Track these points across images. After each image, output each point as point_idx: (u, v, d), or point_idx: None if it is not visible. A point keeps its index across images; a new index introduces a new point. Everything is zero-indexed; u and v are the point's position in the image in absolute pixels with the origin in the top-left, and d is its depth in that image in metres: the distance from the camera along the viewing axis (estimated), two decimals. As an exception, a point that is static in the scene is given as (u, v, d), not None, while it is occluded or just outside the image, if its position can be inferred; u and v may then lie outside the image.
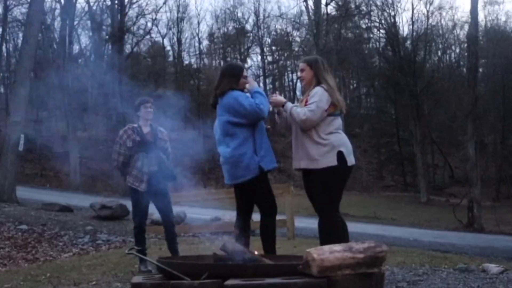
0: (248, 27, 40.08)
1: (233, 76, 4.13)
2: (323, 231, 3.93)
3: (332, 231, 3.87)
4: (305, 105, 3.93)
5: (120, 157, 5.31)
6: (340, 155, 3.87)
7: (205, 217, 11.53)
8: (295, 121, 3.91)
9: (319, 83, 3.99)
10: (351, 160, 3.95)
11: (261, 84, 41.56)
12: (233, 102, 3.99)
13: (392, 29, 33.36)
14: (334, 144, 3.88)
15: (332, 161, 3.84)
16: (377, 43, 37.92)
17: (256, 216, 4.38)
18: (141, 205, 5.31)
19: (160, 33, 36.93)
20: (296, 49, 40.28)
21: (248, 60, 40.86)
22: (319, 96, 3.89)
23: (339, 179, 3.92)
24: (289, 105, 4.01)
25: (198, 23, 46.78)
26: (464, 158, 27.74)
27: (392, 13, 33.48)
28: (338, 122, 4.00)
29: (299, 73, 4.16)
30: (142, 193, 5.23)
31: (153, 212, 6.90)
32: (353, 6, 32.48)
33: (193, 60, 41.26)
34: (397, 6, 46.45)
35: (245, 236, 4.02)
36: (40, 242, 9.30)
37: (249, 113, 3.95)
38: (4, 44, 29.57)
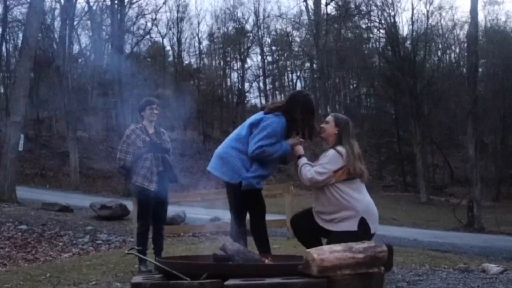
0: (248, 27, 40.13)
1: (307, 110, 4.06)
2: None
3: None
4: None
5: (128, 156, 5.30)
6: (363, 222, 3.78)
7: (205, 217, 11.53)
8: (302, 178, 3.87)
9: (339, 143, 3.92)
10: (374, 227, 3.85)
11: (261, 84, 41.62)
12: (264, 125, 3.91)
13: (392, 29, 33.33)
14: (358, 209, 3.79)
15: (351, 225, 3.76)
16: (377, 43, 37.92)
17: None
18: (149, 204, 5.31)
19: (160, 33, 37.01)
20: (296, 49, 40.31)
21: (248, 60, 40.93)
22: (329, 158, 3.84)
23: None
24: (302, 160, 3.95)
25: (198, 23, 47.07)
26: (464, 158, 27.74)
27: (392, 13, 33.47)
28: (360, 185, 3.92)
29: (323, 124, 4.07)
30: (151, 193, 5.24)
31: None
32: (353, 6, 32.53)
33: (193, 60, 41.35)
34: (397, 6, 46.61)
35: (241, 235, 4.01)
36: (40, 242, 9.30)
37: (249, 147, 3.92)
38: (4, 44, 29.55)
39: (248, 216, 4.19)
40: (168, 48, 39.84)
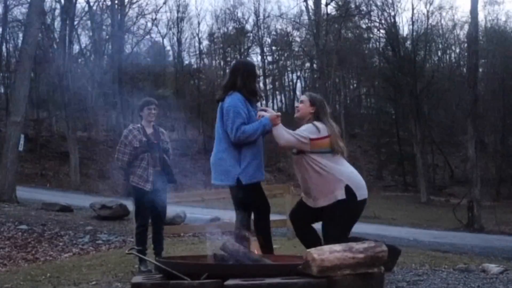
0: (248, 27, 40.15)
1: (247, 74, 4.07)
2: None
3: None
4: None
5: (125, 156, 5.31)
6: (348, 189, 3.79)
7: (205, 217, 11.53)
8: (277, 139, 3.89)
9: (317, 120, 3.97)
10: (361, 194, 3.85)
11: (261, 84, 41.61)
12: (225, 110, 3.93)
13: (392, 29, 33.34)
14: (341, 178, 3.81)
15: (339, 195, 3.78)
16: (377, 43, 37.92)
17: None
18: (145, 204, 5.32)
19: (160, 33, 37.03)
20: (296, 49, 40.30)
21: (248, 60, 40.87)
22: (306, 127, 3.91)
23: (348, 214, 3.81)
24: (280, 126, 3.97)
25: (198, 23, 46.93)
26: (464, 158, 27.76)
27: (392, 13, 33.50)
28: (340, 158, 3.94)
29: (297, 103, 4.12)
30: (146, 193, 5.24)
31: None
32: (353, 6, 32.50)
33: (193, 60, 41.36)
34: (397, 6, 46.52)
35: (246, 236, 4.00)
36: (40, 242, 9.30)
37: (229, 135, 3.91)
38: (4, 44, 29.56)
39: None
40: (168, 48, 39.88)
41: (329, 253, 2.74)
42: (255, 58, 40.73)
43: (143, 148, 5.28)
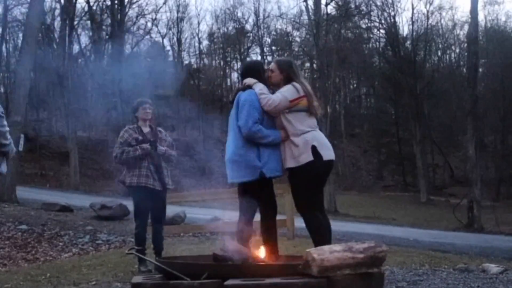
0: (248, 27, 40.18)
1: (254, 72, 4.11)
2: (307, 229, 3.96)
3: (309, 230, 3.88)
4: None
5: (122, 155, 5.25)
6: (314, 150, 3.85)
7: (205, 217, 11.53)
8: (267, 104, 3.91)
9: (290, 82, 4.00)
10: (327, 154, 3.91)
11: (261, 84, 41.58)
12: (241, 103, 3.92)
13: (392, 29, 33.36)
14: (307, 139, 3.87)
15: (308, 157, 3.84)
16: (377, 43, 37.96)
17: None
18: (142, 203, 5.30)
19: (160, 33, 37.07)
20: (296, 49, 40.30)
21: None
22: (286, 88, 3.95)
23: (314, 175, 3.87)
24: (256, 88, 4.01)
25: (198, 23, 47.08)
26: (464, 158, 27.74)
27: (392, 13, 33.55)
28: (312, 121, 3.99)
29: (269, 73, 4.14)
30: (145, 192, 5.22)
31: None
32: (353, 6, 32.49)
33: (193, 60, 41.36)
34: (397, 6, 46.64)
35: (248, 236, 3.98)
36: (40, 242, 9.30)
37: (241, 127, 3.88)
38: (4, 44, 29.53)
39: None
40: (168, 48, 39.90)
41: (329, 253, 2.74)
42: (255, 58, 40.77)
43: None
